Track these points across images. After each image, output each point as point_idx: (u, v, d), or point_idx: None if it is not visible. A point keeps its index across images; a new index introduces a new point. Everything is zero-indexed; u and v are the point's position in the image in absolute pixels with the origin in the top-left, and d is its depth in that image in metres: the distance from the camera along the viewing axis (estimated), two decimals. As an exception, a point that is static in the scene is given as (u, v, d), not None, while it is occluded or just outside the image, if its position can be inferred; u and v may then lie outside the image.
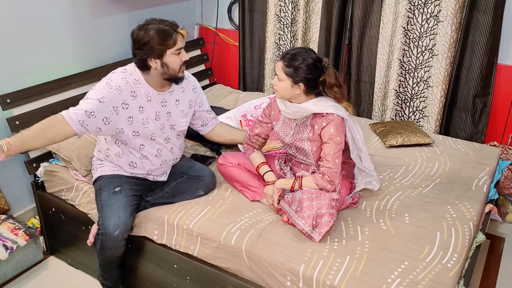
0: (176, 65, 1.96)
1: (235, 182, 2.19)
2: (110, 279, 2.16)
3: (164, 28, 1.90)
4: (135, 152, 2.08)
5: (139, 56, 1.94)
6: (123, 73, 1.98)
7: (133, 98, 1.97)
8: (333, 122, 1.90)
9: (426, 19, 2.80)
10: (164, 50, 1.91)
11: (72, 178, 2.32)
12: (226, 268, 1.91)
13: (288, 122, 2.04)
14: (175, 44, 1.92)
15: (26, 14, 2.38)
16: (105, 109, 1.90)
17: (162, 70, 1.96)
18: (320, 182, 1.89)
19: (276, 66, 1.91)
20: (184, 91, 2.16)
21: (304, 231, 1.81)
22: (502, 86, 2.80)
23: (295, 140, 2.01)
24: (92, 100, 1.89)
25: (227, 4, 3.54)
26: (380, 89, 3.07)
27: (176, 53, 1.94)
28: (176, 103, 2.13)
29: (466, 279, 1.77)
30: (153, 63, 1.94)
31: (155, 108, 2.04)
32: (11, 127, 2.34)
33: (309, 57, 1.86)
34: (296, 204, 1.87)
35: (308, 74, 1.85)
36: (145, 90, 2.01)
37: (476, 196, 2.15)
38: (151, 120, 2.04)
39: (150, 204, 2.12)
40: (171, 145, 2.15)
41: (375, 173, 2.14)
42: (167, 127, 2.11)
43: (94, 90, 1.93)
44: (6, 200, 2.48)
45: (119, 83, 1.94)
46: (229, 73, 3.74)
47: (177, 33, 1.93)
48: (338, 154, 1.91)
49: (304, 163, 2.09)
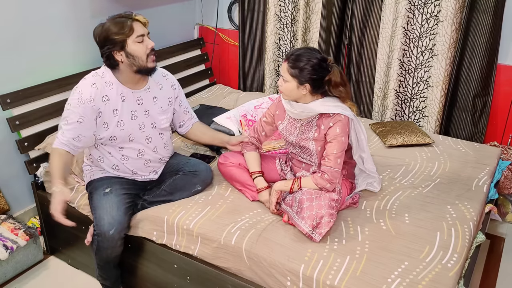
0: (141, 53, 1.93)
1: (235, 182, 2.19)
2: (109, 279, 2.16)
3: (120, 19, 1.90)
4: (115, 153, 2.08)
5: (104, 53, 1.93)
6: (94, 77, 1.97)
7: (105, 103, 1.96)
8: (340, 122, 1.90)
9: (426, 19, 2.80)
10: (124, 40, 1.89)
11: (72, 179, 2.32)
12: (226, 268, 1.91)
13: (293, 122, 2.04)
14: (133, 31, 1.90)
15: (26, 14, 2.38)
16: (88, 125, 1.95)
17: (129, 62, 1.93)
18: (320, 181, 1.90)
19: (281, 68, 1.91)
20: (162, 87, 2.15)
21: (305, 231, 1.81)
22: (502, 86, 2.80)
23: (300, 139, 2.01)
24: (73, 124, 1.93)
25: (227, 4, 3.54)
26: (380, 89, 3.07)
27: (138, 41, 1.91)
28: (154, 100, 2.10)
29: (466, 279, 1.77)
30: (118, 56, 1.92)
31: (130, 107, 2.03)
32: (11, 127, 2.34)
33: (313, 57, 1.85)
34: (297, 205, 1.87)
35: (314, 74, 1.85)
36: (118, 90, 1.99)
37: (476, 196, 2.15)
38: (127, 121, 2.02)
39: (148, 203, 2.12)
40: (153, 144, 2.14)
41: (376, 174, 2.14)
42: (148, 126, 2.09)
43: (70, 111, 1.94)
44: (6, 200, 2.48)
45: (89, 93, 1.93)
46: (229, 73, 3.74)
47: (133, 20, 1.91)
48: (341, 154, 1.91)
49: (305, 163, 2.09)
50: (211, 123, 2.66)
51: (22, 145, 2.39)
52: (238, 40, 3.49)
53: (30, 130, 2.43)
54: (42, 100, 2.48)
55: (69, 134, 1.94)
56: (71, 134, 1.94)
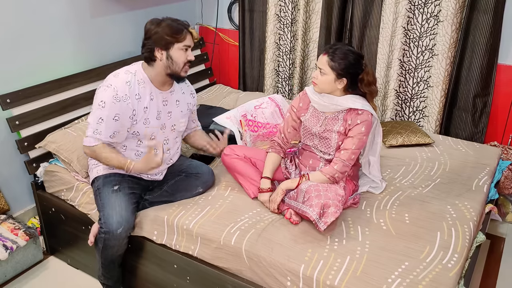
0: (180, 60, 1.98)
1: (238, 175, 2.18)
2: (111, 279, 2.16)
3: (177, 24, 1.96)
4: (132, 147, 2.08)
5: (147, 46, 1.97)
6: (127, 75, 1.99)
7: (138, 101, 1.99)
8: (366, 122, 1.95)
9: (426, 19, 2.80)
10: (172, 42, 1.94)
11: (72, 178, 2.32)
12: (226, 268, 1.91)
13: (316, 114, 2.06)
14: (184, 40, 1.96)
15: (26, 14, 2.38)
16: (123, 122, 1.97)
17: (167, 63, 1.97)
18: (329, 170, 1.95)
19: (320, 60, 1.94)
20: (184, 93, 2.19)
21: (312, 218, 1.81)
22: (502, 86, 2.80)
23: (323, 131, 2.04)
24: (109, 122, 1.94)
25: (227, 4, 3.54)
26: (380, 89, 3.07)
27: (183, 49, 1.97)
28: (176, 103, 2.14)
29: (466, 279, 1.77)
30: (159, 53, 1.96)
31: (157, 107, 2.06)
32: (11, 127, 2.34)
33: (352, 53, 1.91)
34: (302, 195, 1.89)
35: (352, 69, 1.90)
36: (148, 89, 2.02)
37: (476, 196, 2.15)
38: (153, 119, 2.05)
39: (149, 203, 2.12)
40: (168, 146, 2.16)
41: (379, 180, 2.16)
42: (168, 128, 2.12)
43: (105, 108, 1.93)
44: (6, 200, 2.48)
45: (124, 91, 1.95)
46: (229, 73, 3.74)
47: (187, 31, 1.98)
48: (357, 151, 1.96)
49: (314, 158, 2.09)
50: (211, 123, 2.66)
51: (22, 145, 2.39)
52: (238, 40, 3.49)
53: (30, 130, 2.43)
54: (42, 100, 2.48)
55: (105, 132, 1.96)
56: (108, 132, 1.96)
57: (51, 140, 2.36)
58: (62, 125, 2.53)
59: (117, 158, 1.99)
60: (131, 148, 2.09)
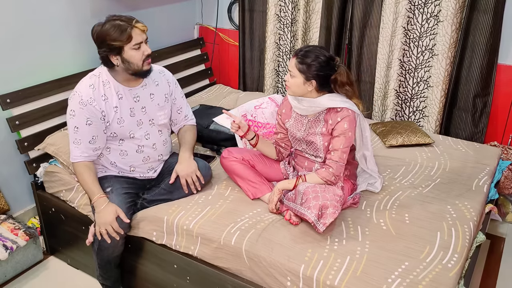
0: (137, 59, 1.94)
1: (237, 177, 2.18)
2: (110, 279, 2.16)
3: (119, 23, 1.89)
4: (115, 148, 2.08)
5: (101, 54, 1.95)
6: (90, 79, 1.99)
7: (105, 102, 1.98)
8: (347, 118, 1.94)
9: (426, 19, 2.80)
10: (121, 47, 1.90)
11: (72, 179, 2.32)
12: (226, 268, 1.91)
13: (299, 119, 2.06)
14: (131, 39, 1.90)
15: (26, 14, 2.38)
16: (97, 125, 1.97)
17: (125, 66, 1.95)
18: (325, 174, 1.93)
19: (289, 63, 1.95)
20: (158, 84, 2.15)
21: (310, 220, 1.81)
22: (502, 86, 2.80)
23: (307, 134, 2.04)
24: (83, 128, 1.95)
25: (227, 4, 3.54)
26: (380, 89, 3.07)
27: (135, 48, 1.92)
28: (150, 96, 2.11)
29: (466, 279, 1.77)
30: (115, 59, 1.94)
31: (129, 104, 2.04)
32: (11, 127, 2.34)
33: (322, 55, 1.90)
34: (300, 197, 1.89)
35: (320, 71, 1.89)
36: (115, 89, 2.01)
37: (476, 196, 2.15)
38: (126, 118, 2.04)
39: (147, 202, 2.12)
40: (152, 141, 2.14)
41: (378, 175, 2.15)
42: (146, 123, 2.11)
43: (76, 117, 1.95)
44: (6, 200, 2.48)
45: (88, 94, 1.95)
46: (229, 73, 3.74)
47: (132, 28, 1.90)
48: (347, 149, 1.96)
49: (308, 160, 2.09)
50: (211, 123, 2.66)
51: (22, 145, 2.39)
52: (238, 40, 3.48)
53: (30, 130, 2.43)
54: (42, 100, 2.48)
55: (83, 140, 1.97)
56: (86, 138, 1.97)
57: (50, 143, 2.37)
58: (62, 125, 2.53)
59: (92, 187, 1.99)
60: (114, 149, 2.09)
